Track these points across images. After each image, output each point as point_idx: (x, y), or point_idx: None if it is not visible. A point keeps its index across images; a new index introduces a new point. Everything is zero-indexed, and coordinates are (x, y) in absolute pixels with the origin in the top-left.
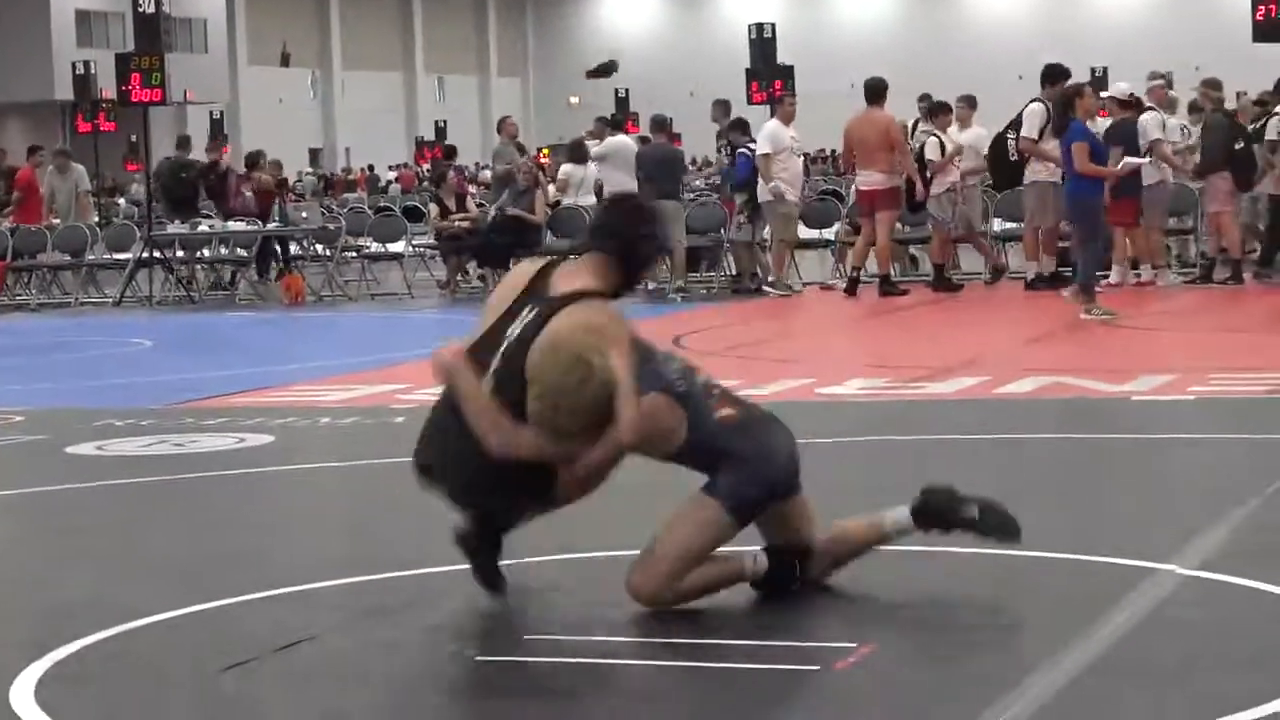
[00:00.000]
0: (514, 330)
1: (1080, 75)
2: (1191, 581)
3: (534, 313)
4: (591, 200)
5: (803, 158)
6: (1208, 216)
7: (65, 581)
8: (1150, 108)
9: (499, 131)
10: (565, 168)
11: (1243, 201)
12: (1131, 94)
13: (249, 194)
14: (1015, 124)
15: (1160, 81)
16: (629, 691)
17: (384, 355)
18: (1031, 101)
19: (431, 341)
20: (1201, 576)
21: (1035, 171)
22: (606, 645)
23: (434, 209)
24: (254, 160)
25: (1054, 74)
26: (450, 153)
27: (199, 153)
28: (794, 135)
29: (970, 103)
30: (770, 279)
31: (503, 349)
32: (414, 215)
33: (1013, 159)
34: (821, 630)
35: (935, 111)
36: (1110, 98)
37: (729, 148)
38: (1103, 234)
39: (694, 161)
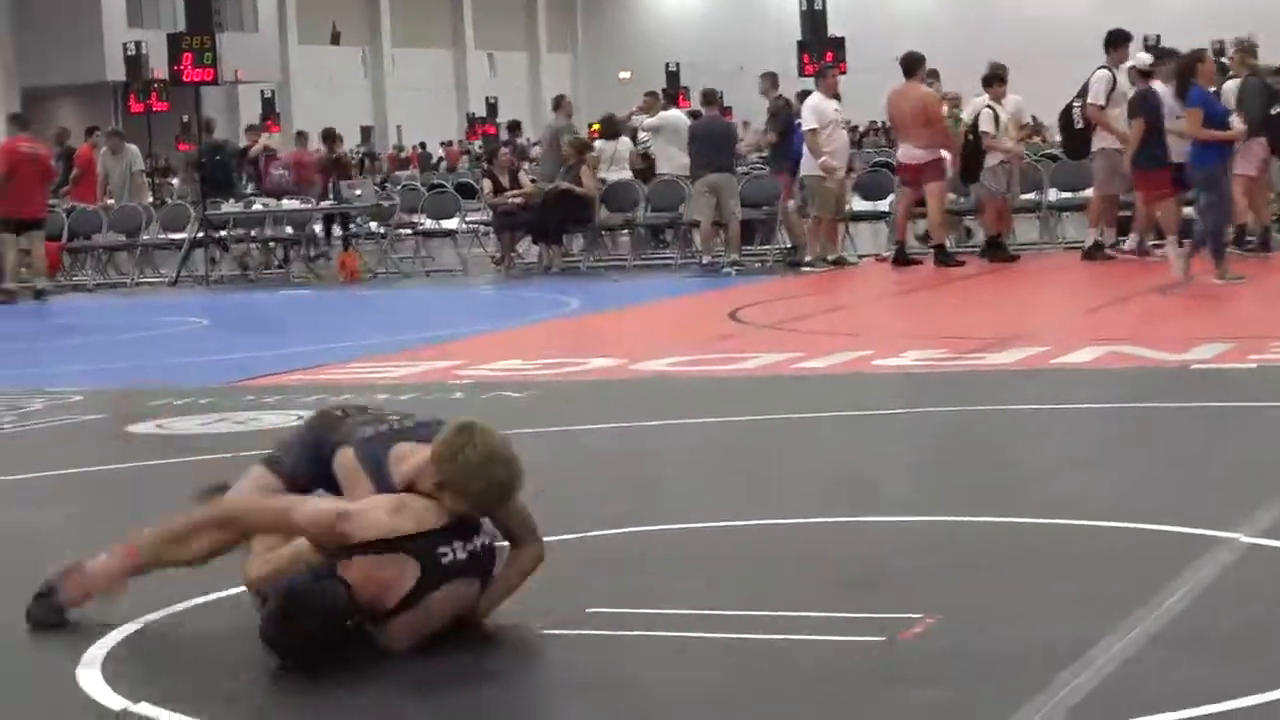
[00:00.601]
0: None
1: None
2: (1256, 550)
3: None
4: (626, 175)
5: (847, 130)
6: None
7: None
8: (1234, 76)
9: (555, 110)
10: (597, 143)
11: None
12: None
13: (278, 173)
14: (1083, 92)
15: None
16: (691, 664)
17: (440, 331)
18: (1098, 69)
19: (488, 318)
20: (1266, 545)
21: (1103, 138)
22: (669, 618)
23: (487, 185)
24: (332, 134)
25: (1116, 39)
26: (515, 128)
27: (224, 132)
28: (838, 108)
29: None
30: (808, 258)
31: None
32: (467, 192)
33: (1079, 127)
34: (885, 601)
35: (990, 82)
36: (1131, 68)
37: (776, 121)
38: (1226, 200)
39: (745, 124)
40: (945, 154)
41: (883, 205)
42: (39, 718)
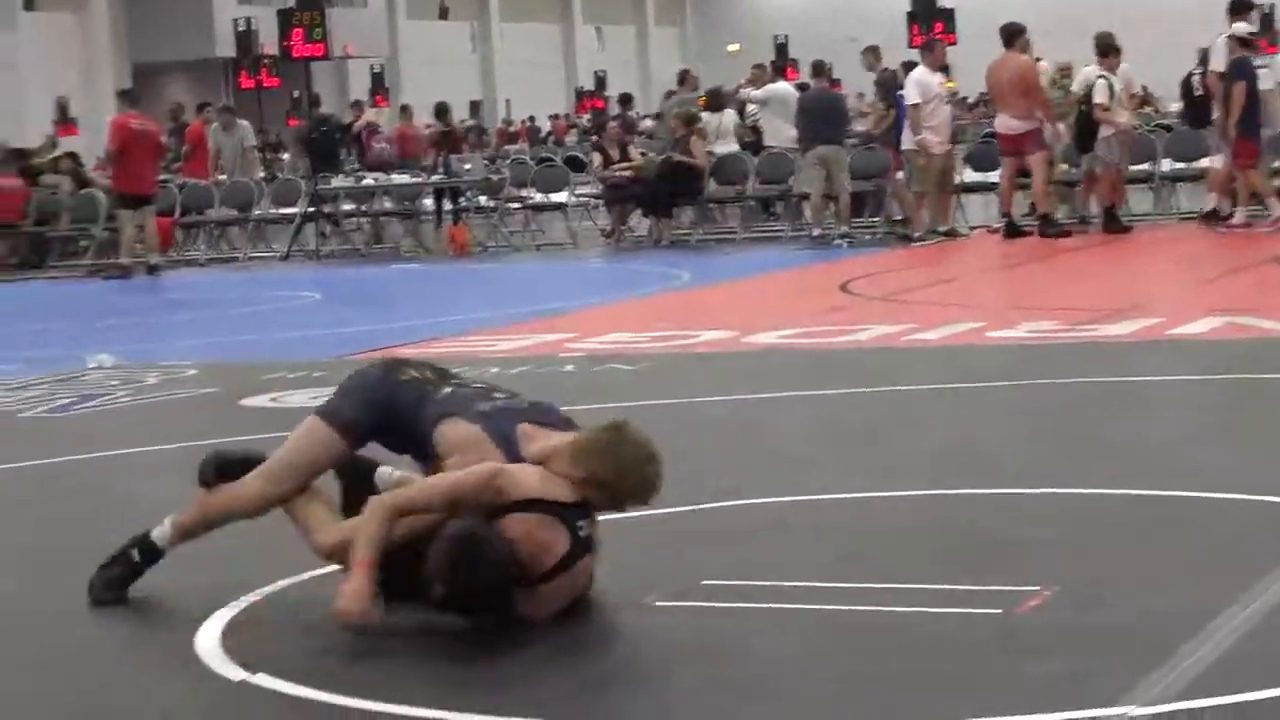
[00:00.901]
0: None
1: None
2: None
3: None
4: (733, 148)
5: (955, 101)
6: None
7: (248, 531)
8: None
9: (680, 84)
10: (703, 116)
11: None
12: None
13: (379, 146)
14: (1203, 60)
15: None
16: (806, 635)
17: (550, 305)
18: (1220, 36)
19: (598, 291)
20: None
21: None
22: (783, 590)
23: (596, 158)
24: (444, 109)
25: (1239, 7)
26: (626, 101)
27: (332, 108)
28: (942, 81)
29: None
30: (916, 234)
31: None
32: (576, 165)
33: (1198, 94)
34: (1002, 573)
35: (1105, 52)
36: (1231, 36)
37: (883, 92)
38: None
39: (860, 95)
40: (1056, 124)
41: (993, 176)
42: (157, 689)
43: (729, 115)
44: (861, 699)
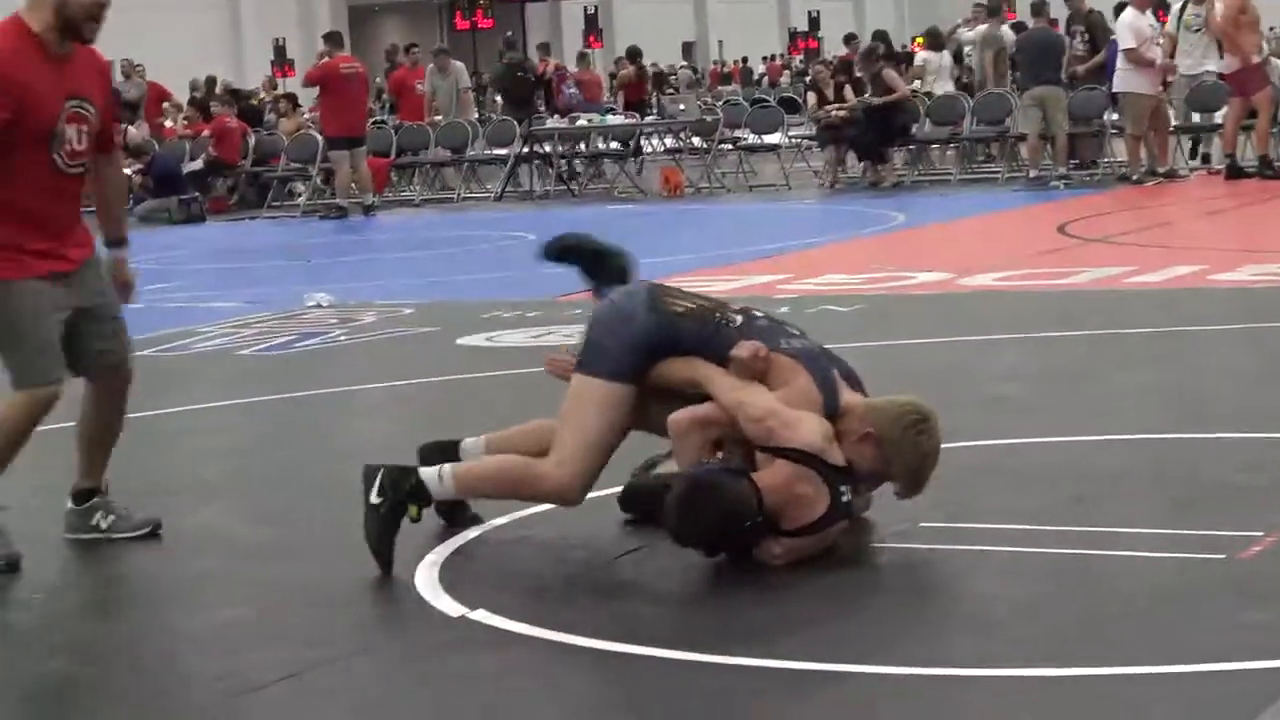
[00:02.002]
0: None
1: None
2: None
3: None
4: (948, 88)
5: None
6: None
7: None
8: None
9: (991, 15)
10: (921, 54)
11: None
12: None
13: (570, 91)
14: None
15: None
16: (1024, 579)
17: (764, 246)
18: None
19: (812, 232)
20: None
21: None
22: (1001, 533)
23: (811, 99)
24: (635, 53)
25: None
26: (849, 40)
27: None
28: (1153, 24)
29: None
30: (1134, 175)
31: None
32: (791, 107)
33: None
34: (1223, 519)
35: None
36: None
37: (1083, 35)
38: None
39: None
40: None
41: (1218, 118)
42: (377, 624)
43: (946, 55)
44: (1079, 641)
